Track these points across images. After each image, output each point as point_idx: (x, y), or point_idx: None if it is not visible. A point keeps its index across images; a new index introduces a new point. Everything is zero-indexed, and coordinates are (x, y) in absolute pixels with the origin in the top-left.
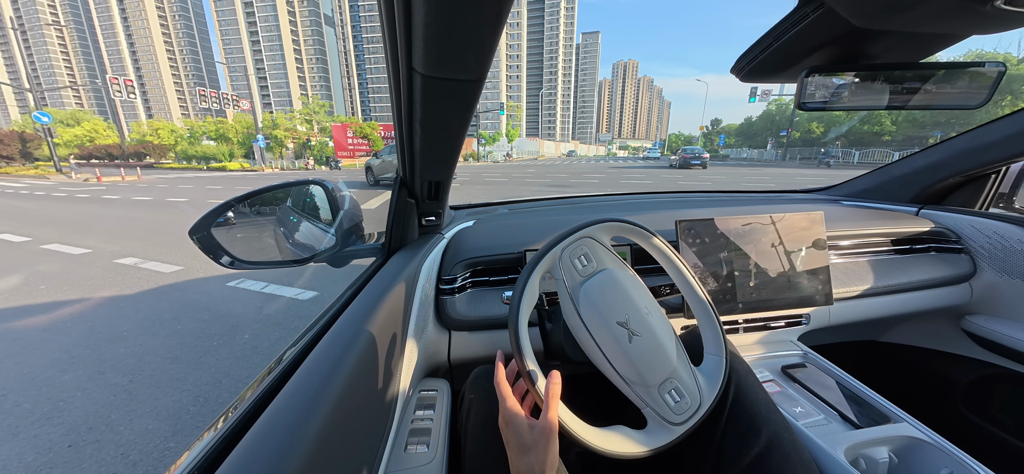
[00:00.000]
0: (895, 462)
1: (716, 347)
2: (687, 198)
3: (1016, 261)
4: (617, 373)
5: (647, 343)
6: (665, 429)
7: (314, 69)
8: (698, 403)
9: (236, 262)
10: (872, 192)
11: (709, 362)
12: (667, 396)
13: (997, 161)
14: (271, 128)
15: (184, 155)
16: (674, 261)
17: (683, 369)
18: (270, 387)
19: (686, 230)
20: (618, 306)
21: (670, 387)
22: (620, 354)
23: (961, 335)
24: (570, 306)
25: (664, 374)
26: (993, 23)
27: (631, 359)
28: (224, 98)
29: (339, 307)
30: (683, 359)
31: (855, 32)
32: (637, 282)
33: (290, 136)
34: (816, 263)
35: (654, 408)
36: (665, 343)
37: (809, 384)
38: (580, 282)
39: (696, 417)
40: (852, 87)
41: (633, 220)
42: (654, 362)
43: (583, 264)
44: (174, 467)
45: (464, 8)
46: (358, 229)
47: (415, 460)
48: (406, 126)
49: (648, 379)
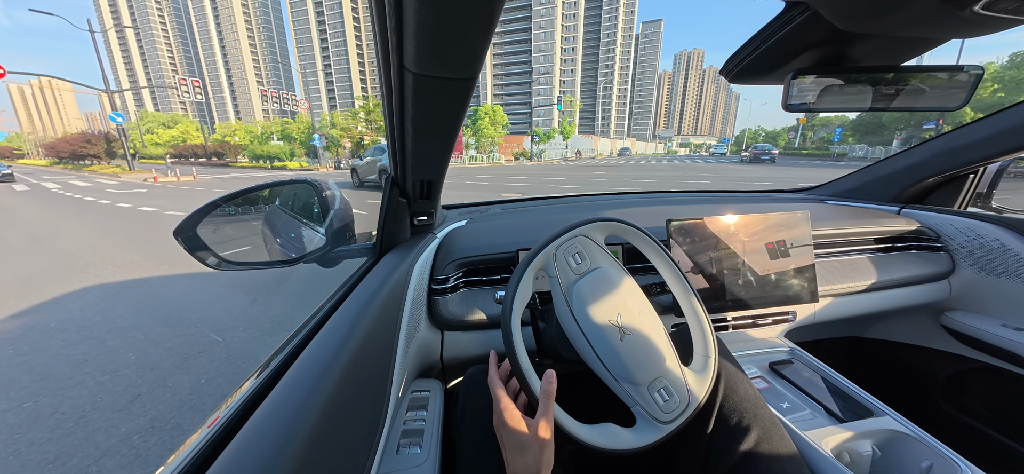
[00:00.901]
0: (878, 455)
1: (705, 347)
2: (678, 197)
3: (992, 259)
4: (608, 371)
5: (638, 341)
6: (653, 427)
7: (374, 68)
8: (686, 403)
9: (222, 263)
10: (856, 192)
11: (698, 362)
12: (656, 395)
13: (975, 162)
14: (328, 127)
15: (253, 154)
16: (666, 261)
17: (673, 368)
18: (259, 389)
19: (677, 229)
20: (610, 304)
21: (660, 386)
22: (611, 352)
23: (941, 331)
24: (563, 303)
25: (654, 373)
26: (971, 28)
27: (622, 357)
28: (285, 98)
29: (330, 308)
30: (673, 358)
31: (840, 36)
32: (629, 281)
33: (346, 134)
34: (802, 262)
35: (643, 406)
36: (656, 342)
37: (796, 380)
38: (574, 280)
39: (684, 416)
40: (837, 89)
41: (626, 220)
42: (644, 361)
43: (577, 262)
44: (163, 467)
45: (456, 7)
46: (349, 229)
47: (408, 461)
48: (398, 125)
49: (638, 377)
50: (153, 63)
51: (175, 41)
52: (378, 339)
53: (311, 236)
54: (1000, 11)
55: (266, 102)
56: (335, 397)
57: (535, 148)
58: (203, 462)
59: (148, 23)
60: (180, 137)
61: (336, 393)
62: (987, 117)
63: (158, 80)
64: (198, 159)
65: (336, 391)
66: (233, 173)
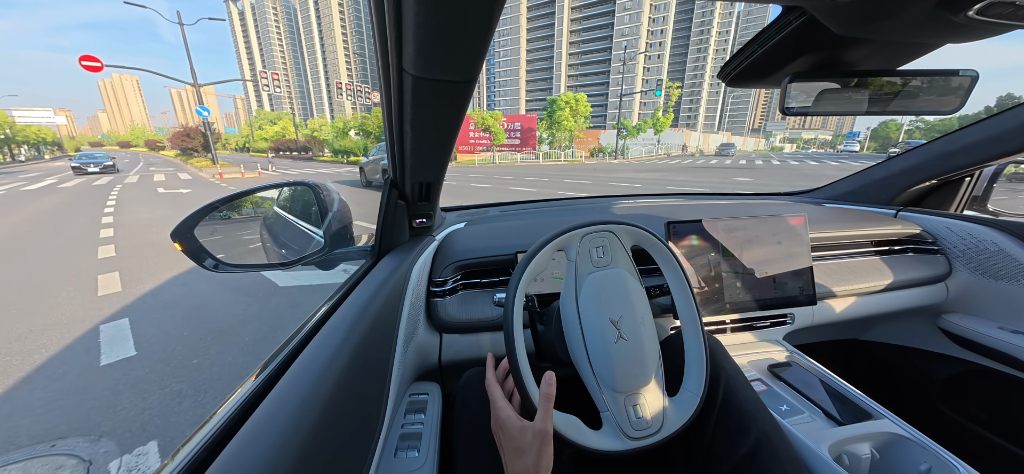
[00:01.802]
0: (877, 458)
1: (696, 384)
2: (675, 199)
3: (989, 261)
4: (592, 370)
5: (631, 351)
6: (617, 438)
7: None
8: (657, 429)
9: (220, 265)
10: (853, 195)
11: (684, 395)
12: (630, 409)
13: (971, 165)
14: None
15: (333, 149)
16: (685, 286)
17: (654, 390)
18: (256, 391)
19: (675, 231)
20: (616, 305)
21: (636, 402)
22: (602, 351)
23: (938, 333)
24: (571, 291)
25: (635, 386)
26: (966, 33)
27: (611, 359)
28: (359, 90)
29: (328, 310)
30: (659, 381)
31: (836, 40)
32: (640, 292)
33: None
34: (800, 264)
35: (615, 414)
36: (648, 357)
37: (794, 382)
38: (590, 271)
39: (649, 440)
40: (833, 92)
41: (661, 238)
42: (631, 371)
43: (599, 255)
44: (161, 469)
45: (455, 10)
46: (347, 231)
47: (405, 465)
48: (397, 127)
49: (619, 385)
50: (269, 61)
51: (285, 37)
52: (376, 341)
53: (310, 238)
54: (993, 16)
55: (340, 94)
56: (332, 400)
57: (620, 143)
58: (200, 464)
59: (265, 22)
60: (280, 133)
61: (333, 396)
62: (983, 120)
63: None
64: (291, 153)
65: (333, 394)
66: (315, 168)
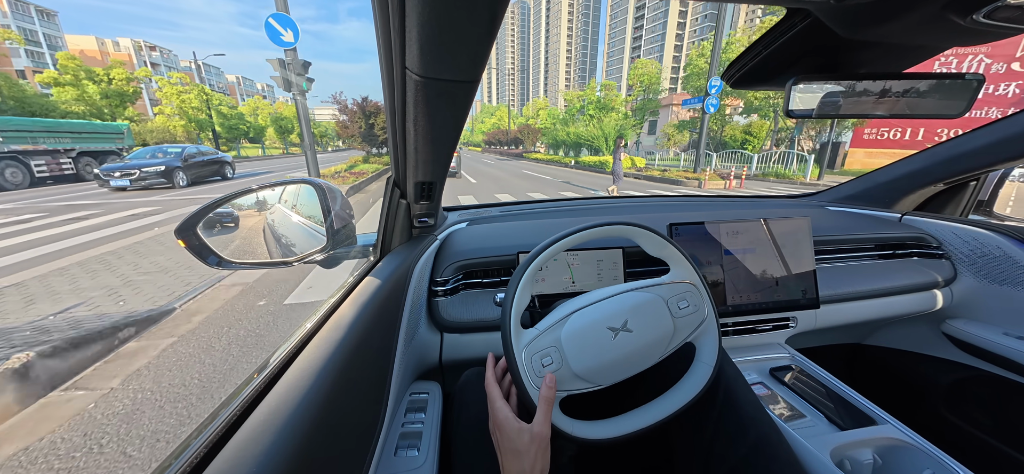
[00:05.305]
0: (879, 463)
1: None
2: (678, 202)
3: (994, 267)
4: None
5: (626, 358)
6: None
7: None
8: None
9: (223, 262)
10: (857, 198)
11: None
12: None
13: (976, 169)
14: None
15: (554, 140)
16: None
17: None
18: (258, 389)
19: (678, 233)
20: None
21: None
22: (603, 353)
23: (942, 338)
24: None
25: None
26: (971, 36)
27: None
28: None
29: (330, 308)
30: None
31: (840, 42)
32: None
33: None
34: (803, 267)
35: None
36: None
37: (796, 386)
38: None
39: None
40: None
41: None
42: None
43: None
44: (162, 467)
45: (458, 9)
46: (350, 229)
47: (405, 464)
48: (399, 126)
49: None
50: (501, 54)
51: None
52: (377, 340)
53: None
54: (1000, 19)
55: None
56: (333, 398)
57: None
58: (200, 462)
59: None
60: (496, 124)
61: (334, 395)
62: (988, 125)
63: (502, 69)
64: (502, 145)
65: (334, 393)
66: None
